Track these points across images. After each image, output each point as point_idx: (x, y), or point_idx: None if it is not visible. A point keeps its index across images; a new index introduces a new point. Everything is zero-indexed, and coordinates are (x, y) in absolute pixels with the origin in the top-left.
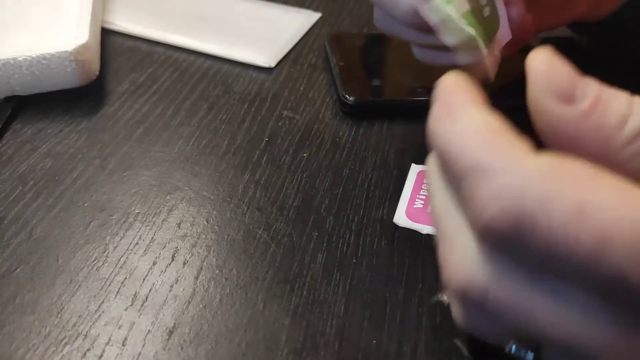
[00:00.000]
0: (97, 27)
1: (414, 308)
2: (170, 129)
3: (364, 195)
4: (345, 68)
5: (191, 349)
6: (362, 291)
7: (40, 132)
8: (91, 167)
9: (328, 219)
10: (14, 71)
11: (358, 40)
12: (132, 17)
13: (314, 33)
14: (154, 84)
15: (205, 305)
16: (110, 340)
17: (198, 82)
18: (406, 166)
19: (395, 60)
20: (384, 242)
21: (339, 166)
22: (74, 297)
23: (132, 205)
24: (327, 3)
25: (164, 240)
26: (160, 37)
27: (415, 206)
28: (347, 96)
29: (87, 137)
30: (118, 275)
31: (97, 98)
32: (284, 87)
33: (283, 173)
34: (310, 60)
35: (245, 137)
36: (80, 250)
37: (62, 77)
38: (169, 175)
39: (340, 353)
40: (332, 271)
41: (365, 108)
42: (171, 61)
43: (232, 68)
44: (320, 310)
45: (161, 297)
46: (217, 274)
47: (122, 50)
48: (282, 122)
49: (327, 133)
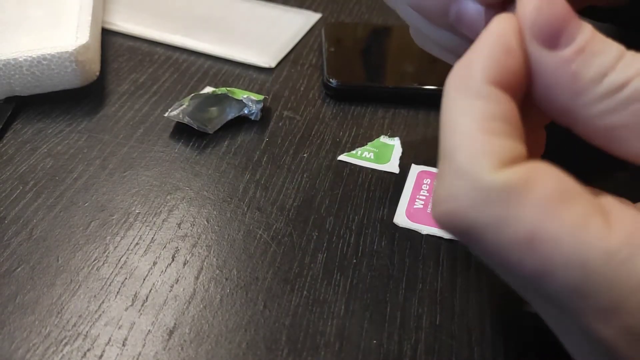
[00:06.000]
0: (97, 27)
1: (414, 308)
2: (170, 129)
3: (364, 195)
4: (334, 54)
5: (191, 349)
6: (362, 291)
7: (41, 132)
8: (91, 167)
9: (328, 219)
10: (14, 71)
11: (355, 29)
12: (132, 17)
13: (314, 33)
14: (154, 84)
15: (205, 306)
16: (111, 341)
17: (198, 83)
18: (406, 166)
19: (388, 49)
20: (384, 242)
21: (339, 166)
22: (74, 297)
23: (132, 205)
24: (327, 3)
25: (165, 240)
26: (161, 38)
27: (415, 206)
28: (330, 80)
29: (88, 137)
30: (118, 275)
31: (98, 98)
32: (284, 87)
33: (283, 173)
34: (310, 60)
35: (246, 137)
36: (80, 250)
37: (63, 78)
38: (170, 175)
39: (340, 353)
40: (333, 271)
41: (348, 92)
42: (171, 61)
43: (233, 68)
44: (321, 310)
45: (161, 297)
46: (218, 274)
47: (122, 50)
48: (282, 122)
49: (327, 133)
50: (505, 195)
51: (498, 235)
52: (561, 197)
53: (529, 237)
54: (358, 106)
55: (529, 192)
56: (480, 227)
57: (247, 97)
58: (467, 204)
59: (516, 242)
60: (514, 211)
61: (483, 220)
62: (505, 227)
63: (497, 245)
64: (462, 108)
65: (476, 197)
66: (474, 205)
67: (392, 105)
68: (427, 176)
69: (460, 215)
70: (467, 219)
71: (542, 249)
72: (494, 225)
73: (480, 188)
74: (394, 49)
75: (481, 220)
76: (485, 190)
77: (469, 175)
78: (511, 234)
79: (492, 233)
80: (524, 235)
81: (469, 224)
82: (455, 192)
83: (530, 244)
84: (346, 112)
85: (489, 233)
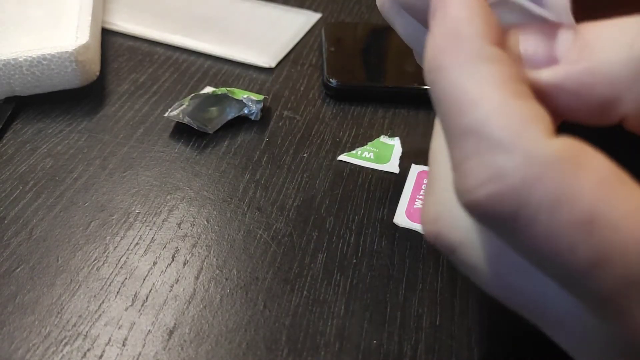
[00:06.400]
0: (97, 27)
1: (414, 308)
2: (170, 129)
3: (364, 195)
4: (334, 54)
5: (191, 349)
6: (362, 291)
7: (41, 132)
8: (91, 167)
9: (328, 219)
10: (14, 72)
11: (355, 29)
12: (132, 17)
13: (314, 33)
14: (154, 84)
15: (205, 306)
16: (111, 341)
17: (198, 83)
18: (406, 166)
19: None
20: (384, 242)
21: (339, 166)
22: (74, 297)
23: (132, 205)
24: (327, 3)
25: (165, 240)
26: (161, 38)
27: (415, 206)
28: (330, 80)
29: (88, 137)
30: (118, 275)
31: (98, 98)
32: (284, 87)
33: (283, 173)
34: (310, 60)
35: (246, 137)
36: (80, 250)
37: (63, 78)
38: (170, 175)
39: (340, 353)
40: (333, 271)
41: (348, 92)
42: (171, 61)
43: (233, 68)
44: (321, 310)
45: (161, 297)
46: (218, 274)
47: (122, 50)
48: (282, 122)
49: (327, 133)
50: (563, 168)
51: (554, 216)
52: (619, 179)
53: (588, 219)
54: (358, 106)
55: (586, 168)
56: (533, 207)
57: (247, 97)
58: (519, 180)
59: (574, 224)
60: (573, 187)
61: (538, 198)
62: (564, 206)
63: (550, 230)
64: (474, 75)
65: (530, 172)
66: (529, 181)
67: (392, 105)
68: (427, 176)
69: (511, 195)
70: (520, 199)
71: (601, 234)
72: (550, 204)
73: (536, 160)
74: (394, 49)
75: (536, 198)
76: (543, 162)
77: (518, 147)
78: (570, 215)
79: (547, 214)
80: (583, 216)
81: (520, 203)
82: (499, 171)
83: (590, 226)
84: (346, 112)
85: (542, 214)
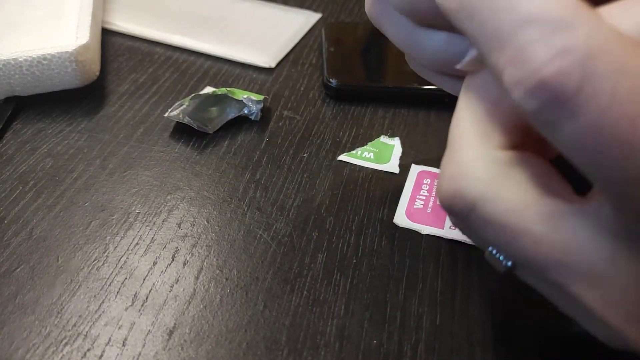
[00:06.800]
0: (97, 27)
1: (414, 308)
2: (170, 129)
3: (364, 195)
4: (334, 54)
5: (191, 349)
6: (363, 291)
7: (41, 132)
8: (91, 167)
9: (328, 219)
10: (14, 71)
11: (355, 29)
12: (132, 17)
13: (314, 33)
14: (154, 84)
15: (205, 306)
16: (111, 341)
17: (198, 83)
18: (406, 166)
19: (388, 49)
20: (384, 242)
21: (339, 166)
22: (74, 297)
23: (132, 205)
24: (327, 3)
25: (165, 240)
26: (161, 38)
27: (415, 206)
28: (330, 80)
29: (88, 137)
30: (118, 275)
31: (98, 98)
32: (284, 87)
33: (283, 173)
34: (310, 60)
35: (246, 137)
36: (80, 250)
37: (63, 78)
38: (170, 175)
39: (340, 353)
40: (333, 271)
41: (348, 92)
42: (171, 61)
43: (233, 68)
44: (321, 310)
45: (161, 297)
46: (218, 274)
47: (122, 50)
48: (282, 122)
49: (327, 133)
50: (625, 40)
51: (619, 84)
52: None
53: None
54: (358, 106)
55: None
56: (598, 77)
57: (247, 97)
58: (584, 53)
59: (638, 94)
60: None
61: (603, 68)
62: (628, 75)
63: (612, 101)
64: None
65: (595, 44)
66: (594, 53)
67: (392, 105)
68: (427, 176)
69: (578, 67)
70: (585, 70)
71: None
72: (615, 74)
73: (598, 33)
74: (394, 49)
75: (601, 68)
76: (605, 35)
77: (580, 24)
78: (634, 83)
79: (612, 83)
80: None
81: (586, 74)
82: (565, 46)
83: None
84: (346, 112)
85: (606, 84)
